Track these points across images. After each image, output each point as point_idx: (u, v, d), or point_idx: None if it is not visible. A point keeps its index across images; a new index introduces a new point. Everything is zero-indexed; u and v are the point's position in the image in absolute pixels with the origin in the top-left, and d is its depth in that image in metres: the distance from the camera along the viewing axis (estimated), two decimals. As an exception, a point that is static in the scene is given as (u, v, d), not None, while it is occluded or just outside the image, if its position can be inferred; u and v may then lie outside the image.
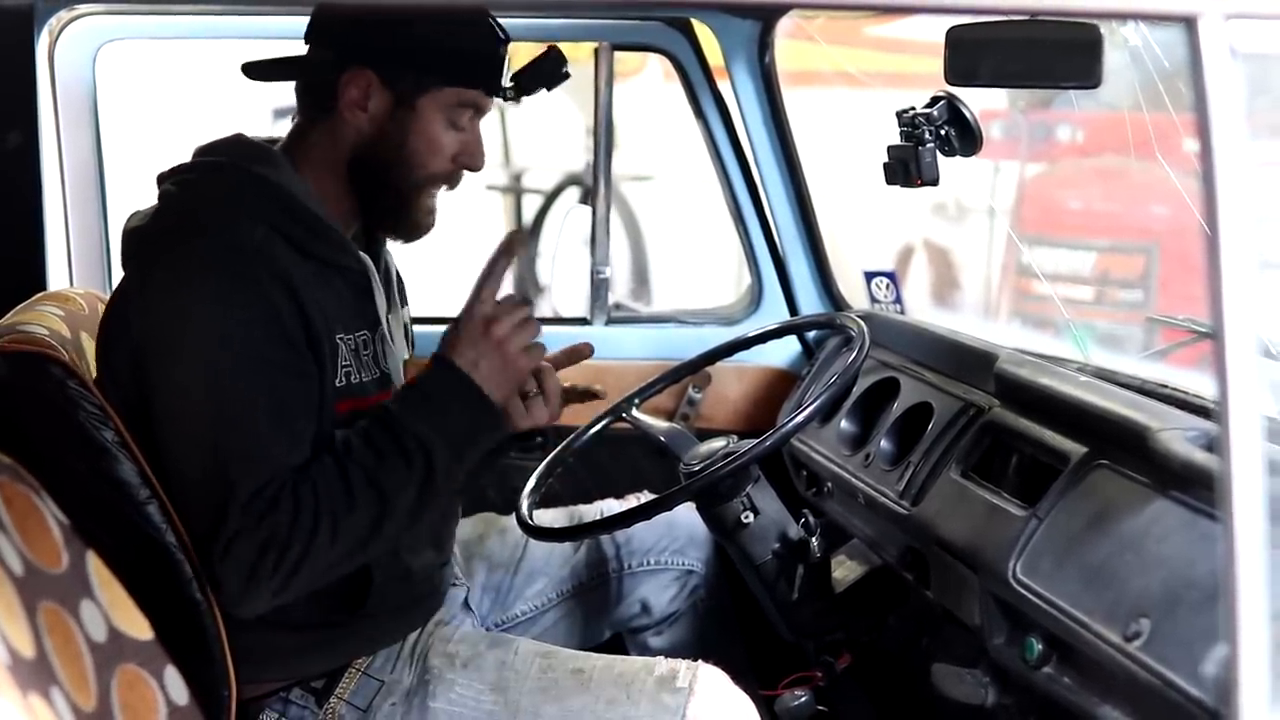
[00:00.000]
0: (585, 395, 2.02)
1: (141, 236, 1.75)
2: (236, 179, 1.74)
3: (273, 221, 1.70)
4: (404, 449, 1.65)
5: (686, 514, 2.16)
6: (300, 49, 1.84)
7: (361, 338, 1.78)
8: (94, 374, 1.76)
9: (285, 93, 1.87)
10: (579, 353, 1.94)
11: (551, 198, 6.46)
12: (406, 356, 1.98)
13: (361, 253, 1.82)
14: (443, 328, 1.75)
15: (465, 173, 1.83)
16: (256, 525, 1.59)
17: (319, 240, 1.74)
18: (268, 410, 1.63)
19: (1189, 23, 1.08)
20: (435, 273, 3.16)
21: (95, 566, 1.46)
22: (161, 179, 1.79)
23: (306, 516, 1.60)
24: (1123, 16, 1.75)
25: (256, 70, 1.84)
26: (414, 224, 1.83)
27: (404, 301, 2.03)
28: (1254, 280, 1.06)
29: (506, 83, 1.83)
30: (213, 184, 1.76)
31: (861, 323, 2.09)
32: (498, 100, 1.85)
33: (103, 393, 1.66)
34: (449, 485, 1.72)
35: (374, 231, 1.89)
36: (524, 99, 1.88)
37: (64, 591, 1.38)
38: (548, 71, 1.86)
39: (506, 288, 1.75)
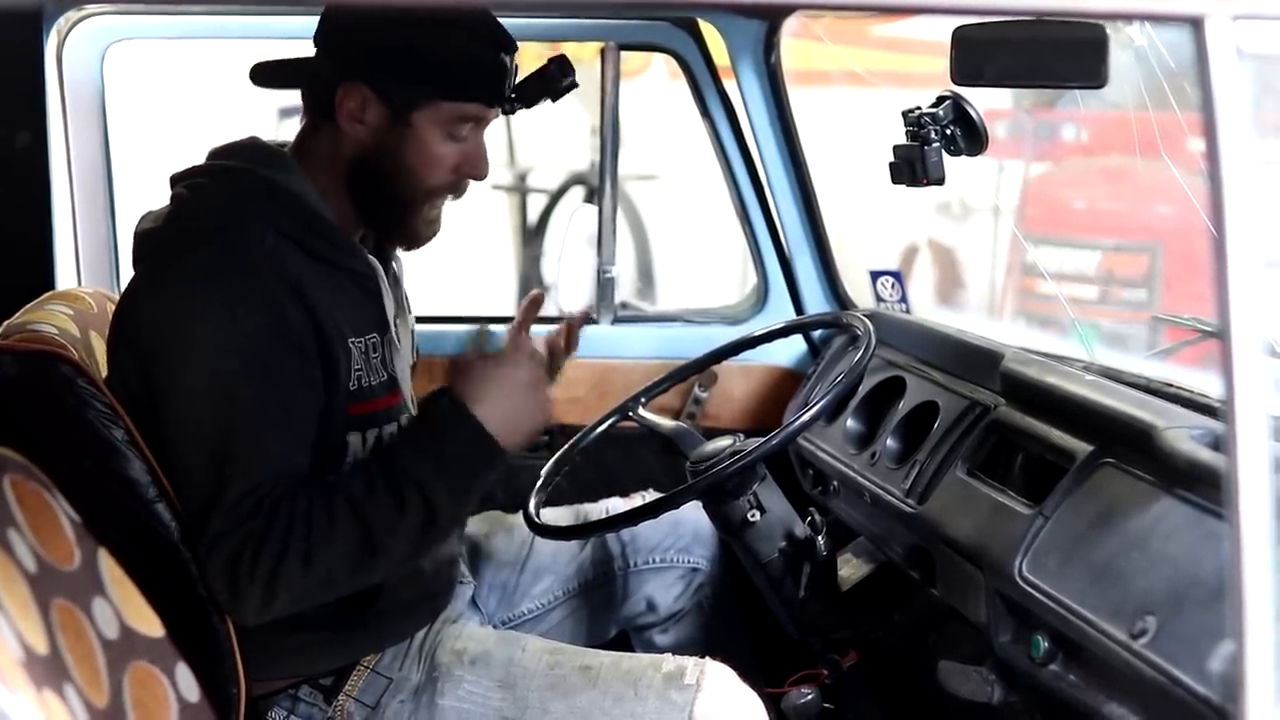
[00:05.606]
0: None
1: (153, 239, 1.76)
2: (247, 183, 1.74)
3: (282, 226, 1.70)
4: (397, 489, 1.63)
5: (692, 512, 2.17)
6: (308, 49, 1.84)
7: (371, 341, 1.78)
8: (104, 373, 1.77)
9: (291, 93, 1.87)
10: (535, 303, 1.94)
11: (556, 197, 6.45)
12: (413, 362, 1.99)
13: (370, 255, 1.82)
14: (445, 328, 1.74)
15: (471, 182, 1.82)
16: (235, 529, 1.59)
17: (328, 244, 1.74)
18: (271, 417, 1.64)
19: (1196, 24, 1.08)
20: (437, 273, 3.16)
21: (107, 564, 1.47)
22: (174, 181, 1.79)
23: (278, 535, 1.58)
24: (1129, 17, 1.75)
25: (261, 76, 1.84)
26: (413, 233, 1.82)
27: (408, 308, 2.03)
28: (1260, 279, 1.07)
29: (511, 92, 1.79)
30: (223, 188, 1.75)
31: (867, 322, 2.10)
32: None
33: (112, 391, 1.67)
34: (453, 522, 1.74)
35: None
36: (529, 110, 1.85)
37: (76, 589, 1.39)
38: (550, 82, 1.84)
39: (514, 285, 1.75)
